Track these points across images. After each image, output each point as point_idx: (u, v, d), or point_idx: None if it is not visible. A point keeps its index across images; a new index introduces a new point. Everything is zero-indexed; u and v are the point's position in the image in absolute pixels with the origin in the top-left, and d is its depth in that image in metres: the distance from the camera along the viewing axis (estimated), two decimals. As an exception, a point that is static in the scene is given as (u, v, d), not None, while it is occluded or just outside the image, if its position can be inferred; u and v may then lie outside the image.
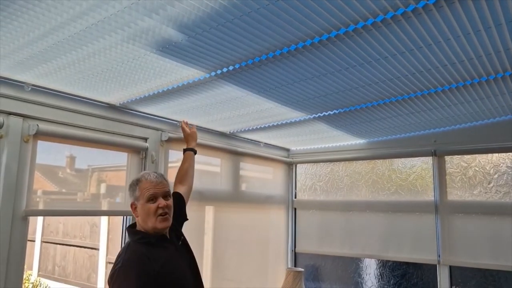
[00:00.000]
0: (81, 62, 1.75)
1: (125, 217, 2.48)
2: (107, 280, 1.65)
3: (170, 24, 1.43)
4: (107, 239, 6.60)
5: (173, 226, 1.91)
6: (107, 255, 6.56)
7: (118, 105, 2.36)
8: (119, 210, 2.53)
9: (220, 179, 3.20)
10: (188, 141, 2.61)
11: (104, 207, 2.43)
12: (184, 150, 2.57)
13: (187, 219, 2.17)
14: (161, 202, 1.78)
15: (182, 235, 2.00)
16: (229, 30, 1.47)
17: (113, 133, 2.37)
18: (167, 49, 1.62)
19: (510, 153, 2.83)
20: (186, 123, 2.69)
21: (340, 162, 3.64)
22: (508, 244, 2.76)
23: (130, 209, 1.84)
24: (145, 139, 2.55)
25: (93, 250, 6.88)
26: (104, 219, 6.60)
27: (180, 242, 1.94)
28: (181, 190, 2.25)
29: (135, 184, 1.82)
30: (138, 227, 1.83)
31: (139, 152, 2.52)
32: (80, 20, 1.39)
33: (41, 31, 1.47)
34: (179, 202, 2.12)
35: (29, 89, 1.97)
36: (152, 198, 1.77)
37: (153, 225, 1.76)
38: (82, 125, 2.22)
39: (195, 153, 2.58)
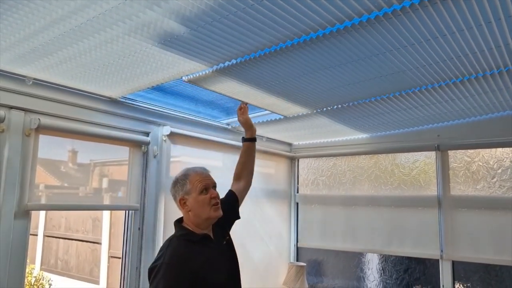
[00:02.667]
0: (82, 56, 1.73)
1: (127, 211, 2.48)
2: (147, 271, 1.67)
3: (172, 17, 1.41)
4: (109, 233, 6.61)
5: (221, 224, 1.89)
6: (109, 249, 6.58)
7: (119, 99, 2.35)
8: (121, 204, 2.52)
9: (222, 173, 3.18)
10: (244, 129, 2.29)
11: (106, 201, 2.43)
12: (242, 140, 2.27)
13: (239, 217, 2.09)
14: (213, 192, 1.82)
15: (228, 235, 1.96)
16: (232, 22, 1.45)
17: (115, 128, 2.36)
18: (169, 42, 1.60)
19: (515, 148, 2.81)
20: (241, 108, 2.28)
21: (342, 157, 3.63)
22: (511, 239, 2.75)
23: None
24: (147, 134, 2.54)
25: (96, 244, 6.89)
26: (106, 214, 6.60)
27: (225, 242, 1.91)
28: (236, 187, 2.16)
29: (184, 179, 1.82)
30: (186, 222, 1.82)
31: (140, 146, 2.51)
32: (81, 12, 1.38)
33: (41, 24, 1.45)
34: (231, 200, 2.07)
35: (31, 82, 1.96)
36: (205, 189, 1.80)
37: (208, 215, 1.78)
38: (84, 119, 2.21)
39: (254, 141, 2.26)
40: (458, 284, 2.98)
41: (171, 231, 2.59)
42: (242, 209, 3.42)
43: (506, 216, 2.79)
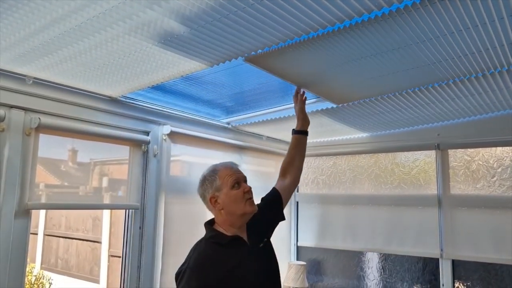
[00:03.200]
0: (82, 55, 1.73)
1: (127, 210, 2.48)
2: (174, 276, 1.61)
3: (172, 16, 1.41)
4: (109, 232, 6.62)
5: (259, 225, 1.75)
6: (109, 248, 6.59)
7: (119, 98, 2.35)
8: (121, 203, 2.53)
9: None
10: (297, 119, 2.13)
11: (107, 200, 2.43)
12: (293, 132, 2.11)
13: (284, 218, 1.93)
14: (246, 186, 1.67)
15: (267, 237, 1.79)
16: (232, 22, 1.44)
17: (115, 127, 2.36)
18: (169, 41, 1.60)
19: (514, 147, 2.81)
20: (298, 95, 2.16)
21: (343, 156, 3.63)
22: (511, 238, 2.75)
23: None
24: (147, 133, 2.54)
25: (96, 243, 6.90)
26: (106, 213, 6.61)
27: (262, 245, 1.74)
28: (281, 184, 1.98)
29: (212, 175, 1.68)
30: (217, 223, 1.69)
31: (141, 145, 2.51)
32: (81, 12, 1.37)
33: (42, 23, 1.45)
34: (273, 199, 1.90)
35: (31, 82, 1.96)
36: (236, 183, 1.66)
37: (243, 210, 1.64)
38: (84, 118, 2.21)
39: (306, 134, 2.09)
40: (458, 283, 2.98)
41: (172, 230, 2.61)
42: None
43: (506, 215, 2.79)
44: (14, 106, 1.92)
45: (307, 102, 2.61)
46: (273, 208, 1.88)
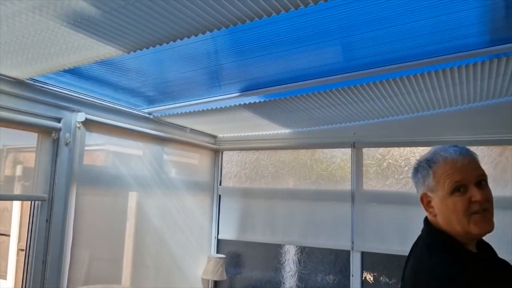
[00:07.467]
0: (-22, 30, 1.57)
1: (33, 202, 2.31)
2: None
3: (81, -4, 1.33)
4: (19, 224, 6.13)
5: None
6: (19, 241, 6.11)
7: (26, 80, 2.17)
8: (24, 194, 2.34)
9: (143, 164, 3.09)
10: None
11: (17, 191, 2.23)
12: None
13: None
14: (475, 193, 1.16)
15: None
16: (147, 7, 1.39)
17: (21, 112, 2.17)
18: (80, 23, 1.50)
19: (419, 147, 3.04)
20: None
21: (265, 151, 3.69)
22: (414, 232, 2.97)
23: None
24: (59, 120, 2.37)
25: (3, 236, 6.37)
26: (16, 203, 6.12)
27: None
28: None
29: (426, 168, 1.25)
30: (441, 230, 1.25)
31: (51, 133, 2.34)
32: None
33: None
34: None
35: None
36: (461, 187, 1.18)
37: (464, 229, 1.18)
38: (-16, 101, 2.01)
39: None
40: (365, 273, 3.18)
41: (83, 222, 2.48)
42: (163, 200, 3.33)
43: (409, 211, 3.01)
44: None
45: (230, 95, 2.64)
46: None
